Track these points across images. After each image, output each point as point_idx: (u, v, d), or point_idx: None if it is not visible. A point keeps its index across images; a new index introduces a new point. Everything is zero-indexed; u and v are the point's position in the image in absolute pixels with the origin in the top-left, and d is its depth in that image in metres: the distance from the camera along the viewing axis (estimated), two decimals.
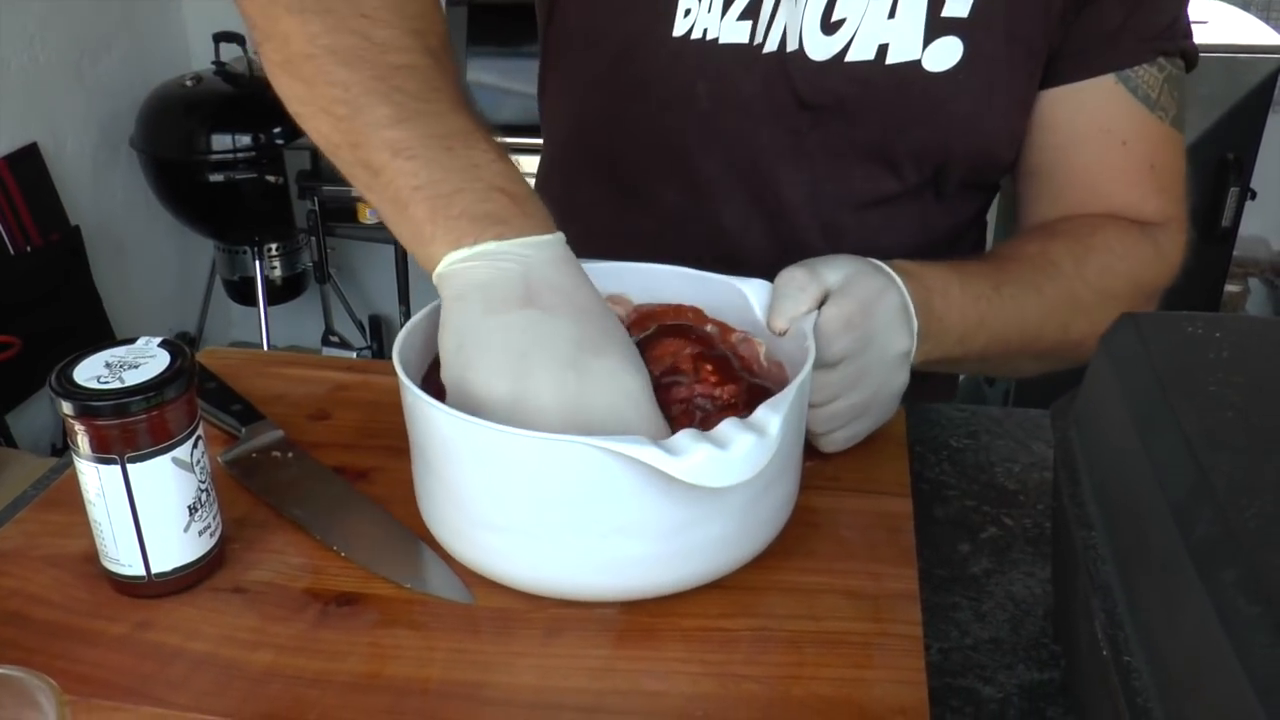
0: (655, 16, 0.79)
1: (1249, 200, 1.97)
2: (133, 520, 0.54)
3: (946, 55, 0.77)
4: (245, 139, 2.33)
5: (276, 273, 2.56)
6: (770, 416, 0.52)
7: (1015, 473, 0.71)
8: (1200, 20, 0.82)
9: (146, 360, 0.54)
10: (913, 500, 0.64)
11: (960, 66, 0.77)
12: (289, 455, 0.67)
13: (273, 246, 2.52)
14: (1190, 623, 0.37)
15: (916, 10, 0.76)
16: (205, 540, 0.57)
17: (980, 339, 0.71)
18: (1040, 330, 0.75)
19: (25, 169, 2.18)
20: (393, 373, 0.56)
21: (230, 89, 2.39)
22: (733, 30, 0.78)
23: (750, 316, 0.65)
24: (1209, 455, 0.41)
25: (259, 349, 2.49)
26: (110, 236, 2.46)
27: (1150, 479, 0.43)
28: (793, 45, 0.78)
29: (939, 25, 0.76)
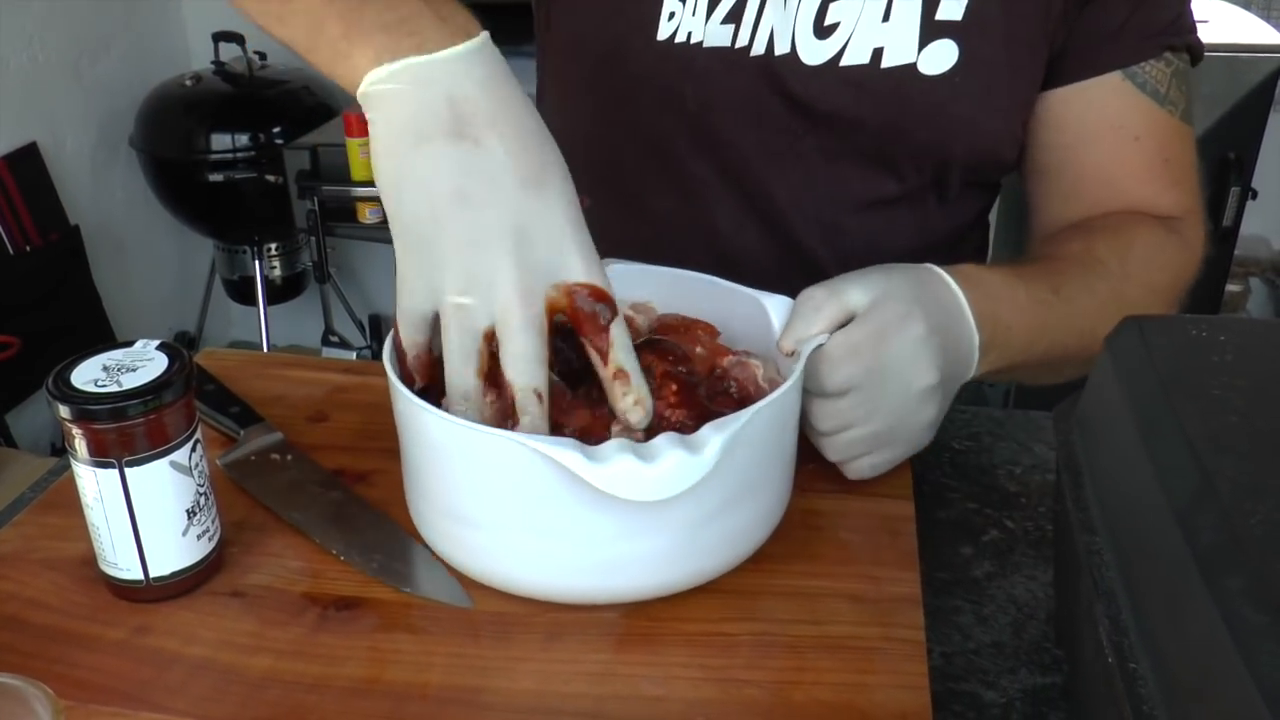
0: (640, 20, 0.79)
1: (1250, 200, 1.97)
2: (131, 524, 0.54)
3: (942, 58, 0.76)
4: (245, 138, 2.33)
5: (276, 272, 2.56)
6: (712, 437, 0.50)
7: (1017, 475, 0.71)
8: (1201, 20, 0.82)
9: (144, 363, 0.54)
10: (914, 503, 0.64)
11: (956, 69, 0.76)
12: (288, 458, 0.67)
13: (272, 246, 2.52)
14: (1195, 629, 0.37)
15: (911, 14, 0.76)
16: (204, 544, 0.57)
17: (1042, 345, 0.69)
18: (1095, 331, 0.73)
19: (25, 169, 2.18)
20: None
21: (230, 89, 2.39)
22: (717, 34, 0.78)
23: (771, 333, 0.63)
24: (1213, 459, 0.41)
25: (259, 349, 2.48)
26: (110, 236, 2.46)
27: (1154, 483, 0.42)
28: (783, 49, 0.78)
29: (933, 29, 0.76)
